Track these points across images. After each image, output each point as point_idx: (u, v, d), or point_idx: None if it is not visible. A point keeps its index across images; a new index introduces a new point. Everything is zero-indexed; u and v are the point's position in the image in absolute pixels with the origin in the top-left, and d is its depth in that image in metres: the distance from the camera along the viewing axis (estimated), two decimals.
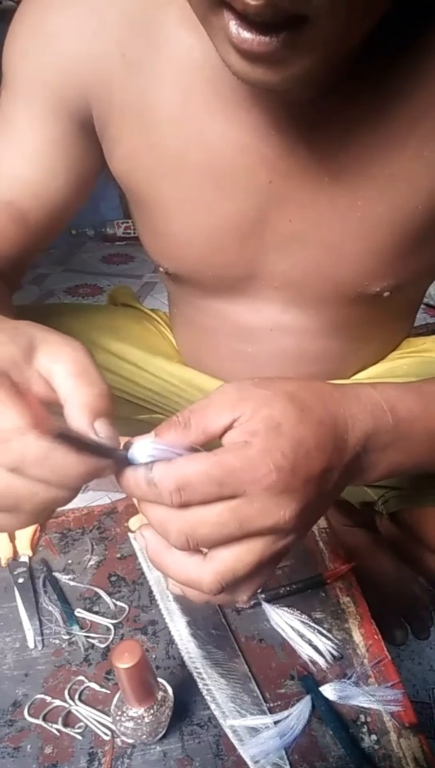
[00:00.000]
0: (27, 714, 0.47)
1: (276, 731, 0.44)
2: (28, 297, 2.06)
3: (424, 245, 0.53)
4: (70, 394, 0.30)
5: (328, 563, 0.59)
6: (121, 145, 0.53)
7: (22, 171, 0.55)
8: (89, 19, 0.49)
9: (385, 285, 0.55)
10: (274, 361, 0.65)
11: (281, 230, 0.53)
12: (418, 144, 0.46)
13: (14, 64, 0.53)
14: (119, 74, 0.49)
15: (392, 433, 0.37)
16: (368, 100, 0.45)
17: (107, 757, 0.44)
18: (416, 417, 0.39)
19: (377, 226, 0.50)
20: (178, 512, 0.31)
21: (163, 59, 0.48)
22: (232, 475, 0.30)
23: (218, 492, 0.30)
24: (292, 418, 0.32)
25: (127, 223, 2.48)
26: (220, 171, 0.50)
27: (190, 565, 0.32)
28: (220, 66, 0.45)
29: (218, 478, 0.30)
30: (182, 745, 0.45)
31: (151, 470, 0.31)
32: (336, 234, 0.52)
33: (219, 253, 0.56)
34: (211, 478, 0.30)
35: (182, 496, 0.30)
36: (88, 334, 0.71)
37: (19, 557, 0.61)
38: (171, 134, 0.50)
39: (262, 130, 0.48)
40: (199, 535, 0.31)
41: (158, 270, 0.63)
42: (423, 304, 1.80)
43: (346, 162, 0.48)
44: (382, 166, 0.47)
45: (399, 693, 0.47)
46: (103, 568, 0.60)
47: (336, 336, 0.63)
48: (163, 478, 0.30)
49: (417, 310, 0.75)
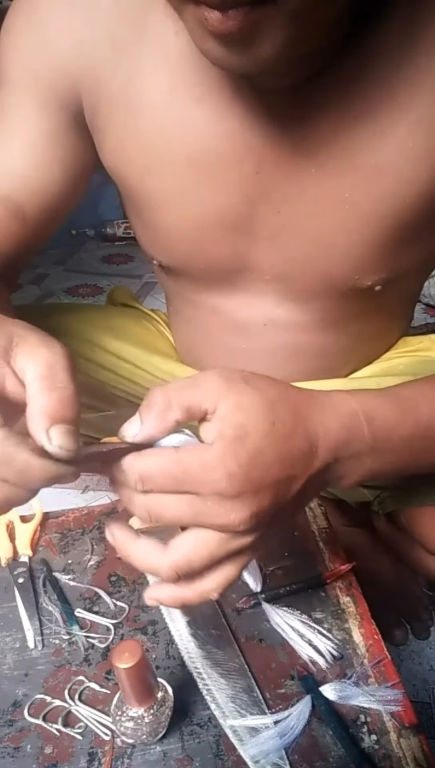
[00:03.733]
0: (27, 714, 0.47)
1: (276, 731, 0.44)
2: (28, 297, 2.06)
3: (414, 239, 0.53)
4: (32, 397, 0.30)
5: (328, 563, 0.59)
6: (109, 136, 0.53)
7: (18, 165, 0.55)
8: (79, 10, 0.49)
9: (376, 279, 0.55)
10: (268, 358, 0.65)
11: (270, 222, 0.53)
12: (403, 136, 0.46)
13: (7, 58, 0.53)
14: (108, 65, 0.50)
15: (368, 442, 0.38)
16: (354, 91, 0.45)
17: (107, 757, 0.44)
18: (394, 425, 0.39)
19: (365, 219, 0.50)
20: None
21: (150, 48, 0.48)
22: (188, 474, 0.32)
23: (175, 487, 0.32)
24: (259, 430, 0.33)
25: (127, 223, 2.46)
26: (207, 161, 0.50)
27: (152, 554, 0.35)
28: None
29: (176, 475, 0.32)
30: (182, 745, 0.45)
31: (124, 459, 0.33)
32: (325, 226, 0.52)
33: (209, 245, 0.56)
34: (169, 474, 0.32)
35: (144, 485, 0.33)
36: (87, 334, 0.72)
37: (19, 557, 0.61)
38: (157, 123, 0.50)
39: (249, 119, 0.48)
40: (157, 511, 0.33)
41: (152, 262, 0.63)
42: (423, 304, 1.81)
43: (332, 152, 0.48)
44: (367, 157, 0.47)
45: (399, 693, 0.47)
46: (103, 568, 0.60)
47: (330, 332, 0.63)
48: (128, 468, 0.33)
49: (413, 307, 0.75)
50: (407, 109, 0.45)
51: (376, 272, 0.55)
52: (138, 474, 0.33)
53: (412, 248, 0.54)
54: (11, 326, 0.33)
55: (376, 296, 0.57)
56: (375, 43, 0.44)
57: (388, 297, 0.60)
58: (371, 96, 0.45)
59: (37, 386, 0.30)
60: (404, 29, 0.43)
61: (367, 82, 0.45)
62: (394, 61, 0.44)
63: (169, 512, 0.33)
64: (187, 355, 0.75)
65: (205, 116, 0.48)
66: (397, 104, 0.45)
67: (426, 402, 0.42)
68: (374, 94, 0.45)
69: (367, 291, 0.56)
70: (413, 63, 0.44)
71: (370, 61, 0.44)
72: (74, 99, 0.53)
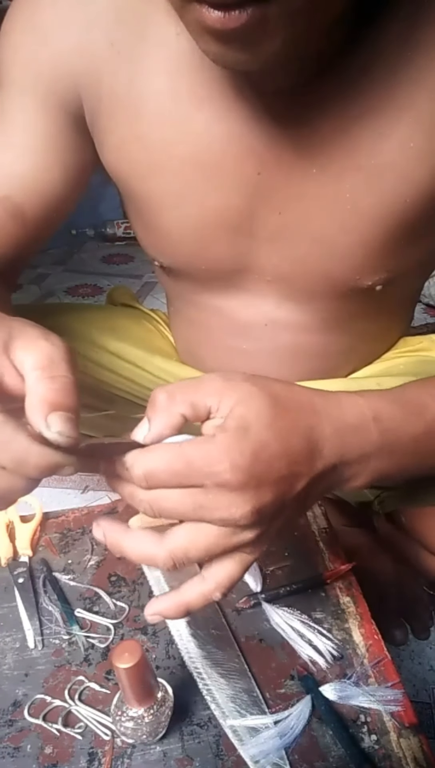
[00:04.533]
0: (27, 714, 0.47)
1: (276, 731, 0.44)
2: (28, 297, 2.06)
3: (415, 240, 0.53)
4: (31, 386, 0.30)
5: (328, 563, 0.59)
6: (110, 137, 0.53)
7: (17, 166, 0.55)
8: (78, 11, 0.49)
9: (377, 279, 0.55)
10: (269, 358, 0.65)
11: (271, 223, 0.53)
12: (404, 135, 0.46)
13: (7, 59, 0.53)
14: (108, 65, 0.50)
15: (376, 443, 0.37)
16: (354, 91, 0.45)
17: (107, 757, 0.44)
18: (402, 425, 0.39)
19: (367, 219, 0.50)
20: None
21: (151, 49, 0.48)
22: (191, 467, 0.32)
23: (178, 481, 0.32)
24: (262, 422, 0.33)
25: (127, 223, 2.47)
26: (208, 162, 0.50)
27: (147, 543, 0.34)
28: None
29: (179, 470, 0.32)
30: (182, 745, 0.45)
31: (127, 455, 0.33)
32: (326, 227, 0.52)
33: (210, 246, 0.56)
34: (172, 469, 0.32)
35: (148, 482, 0.32)
36: (88, 334, 0.72)
37: (19, 557, 0.61)
38: (158, 125, 0.50)
39: (250, 120, 0.48)
40: (160, 506, 0.33)
41: (153, 263, 0.63)
42: (423, 304, 1.81)
43: (333, 152, 0.48)
44: (368, 157, 0.47)
45: (399, 693, 0.47)
46: (103, 568, 0.60)
47: (330, 332, 0.63)
48: (132, 465, 0.33)
49: (413, 307, 0.75)
50: (408, 109, 0.45)
51: (377, 272, 0.55)
52: (142, 470, 0.32)
53: (412, 248, 0.54)
54: (10, 321, 0.33)
55: (376, 296, 0.57)
56: (375, 43, 0.44)
57: (388, 297, 0.60)
58: (372, 96, 0.45)
59: (35, 376, 0.30)
60: (404, 29, 0.43)
61: (368, 82, 0.45)
62: (395, 62, 0.44)
63: (171, 506, 0.33)
64: (188, 355, 0.75)
65: (206, 118, 0.48)
66: (398, 104, 0.45)
67: (434, 402, 0.41)
68: (375, 94, 0.45)
69: (367, 291, 0.56)
70: (413, 63, 0.44)
71: (371, 61, 0.44)
72: (74, 100, 0.53)
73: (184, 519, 0.34)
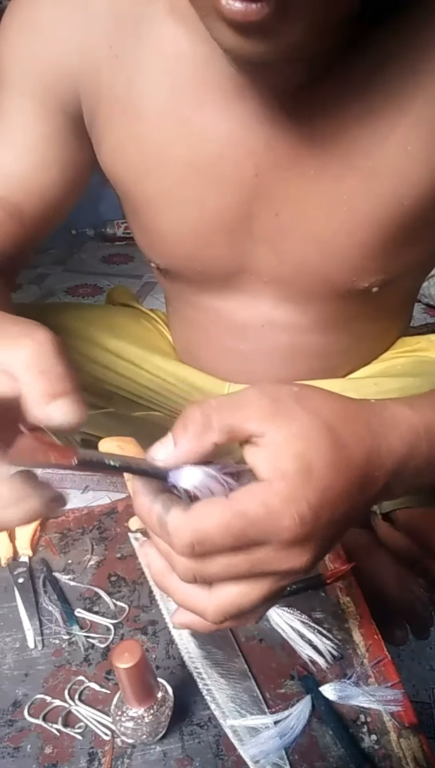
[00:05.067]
0: (27, 714, 0.47)
1: (276, 731, 0.44)
2: (28, 297, 2.06)
3: (412, 241, 0.53)
4: (25, 388, 0.29)
5: (328, 563, 0.59)
6: (107, 138, 0.53)
7: (16, 166, 0.55)
8: (77, 11, 0.49)
9: (374, 281, 0.55)
10: (267, 358, 0.65)
11: (269, 224, 0.53)
12: (402, 138, 0.46)
13: (5, 59, 0.53)
14: (107, 66, 0.50)
15: (426, 457, 0.35)
16: (354, 93, 0.45)
17: (107, 757, 0.44)
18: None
19: (364, 221, 0.50)
20: None
21: (150, 51, 0.48)
22: (254, 527, 0.28)
23: (235, 544, 0.28)
24: (324, 461, 0.29)
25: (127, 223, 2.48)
26: (206, 163, 0.50)
27: (196, 593, 0.31)
28: (207, 57, 0.46)
29: (238, 531, 0.28)
30: (182, 745, 0.45)
31: (167, 513, 0.29)
32: (323, 228, 0.52)
33: (207, 247, 0.56)
34: (230, 532, 0.28)
35: (196, 550, 0.28)
36: (87, 333, 0.72)
37: (19, 557, 0.61)
38: (156, 126, 0.50)
39: (248, 122, 0.48)
40: (207, 573, 0.29)
41: (150, 265, 0.63)
42: (422, 304, 1.80)
43: (331, 155, 0.48)
44: (366, 158, 0.47)
45: (399, 693, 0.47)
46: (103, 568, 0.60)
47: (328, 332, 0.63)
48: (178, 529, 0.28)
49: (411, 307, 0.75)
50: (407, 112, 0.45)
51: (374, 274, 0.55)
52: (189, 536, 0.28)
53: (410, 250, 0.54)
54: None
55: (374, 297, 0.57)
56: (375, 46, 0.44)
57: (386, 298, 0.60)
58: (371, 98, 0.45)
59: (27, 375, 0.30)
60: (404, 32, 0.43)
61: (368, 84, 0.45)
62: (394, 64, 0.44)
63: (221, 570, 0.29)
64: (186, 354, 0.75)
65: (204, 119, 0.48)
66: (397, 106, 0.45)
67: None
68: (374, 96, 0.45)
69: (364, 292, 0.56)
70: (413, 66, 0.44)
71: (371, 64, 0.44)
72: (73, 100, 0.53)
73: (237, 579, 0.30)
